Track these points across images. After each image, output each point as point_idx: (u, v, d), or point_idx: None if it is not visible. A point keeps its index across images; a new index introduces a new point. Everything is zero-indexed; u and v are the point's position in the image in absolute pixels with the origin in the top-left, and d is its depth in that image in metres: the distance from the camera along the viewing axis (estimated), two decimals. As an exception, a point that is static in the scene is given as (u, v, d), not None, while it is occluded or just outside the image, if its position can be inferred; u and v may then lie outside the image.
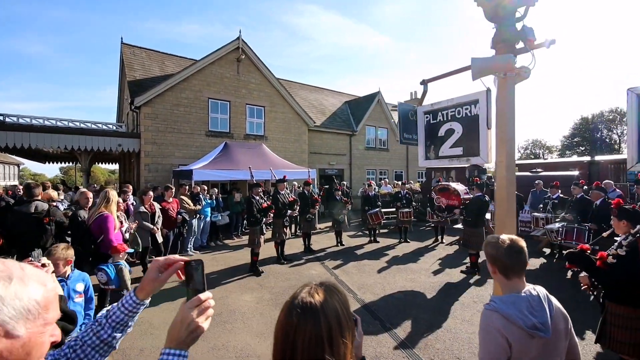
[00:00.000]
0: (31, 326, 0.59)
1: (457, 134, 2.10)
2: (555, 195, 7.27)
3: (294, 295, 0.88)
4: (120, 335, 0.93)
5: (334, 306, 0.85)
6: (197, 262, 0.92)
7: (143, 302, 0.95)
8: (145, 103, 11.19)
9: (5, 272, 0.59)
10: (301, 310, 0.82)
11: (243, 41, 13.11)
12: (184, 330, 0.81)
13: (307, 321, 0.80)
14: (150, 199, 6.11)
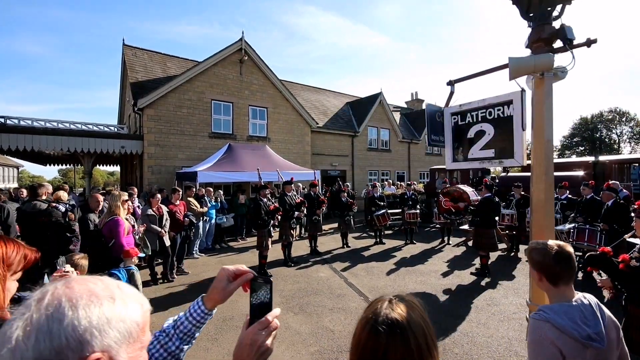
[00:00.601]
0: (131, 350, 0.53)
1: (488, 136, 2.05)
2: (563, 196, 7.23)
3: (375, 312, 0.81)
4: (187, 347, 0.88)
5: (418, 322, 0.79)
6: (266, 280, 0.87)
7: (211, 312, 0.91)
8: (148, 105, 11.12)
9: (106, 291, 0.54)
10: (388, 329, 0.76)
11: (246, 42, 13.06)
12: (253, 353, 0.75)
13: (396, 340, 0.74)
14: (157, 201, 6.04)
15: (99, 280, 0.56)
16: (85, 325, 0.48)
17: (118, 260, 4.16)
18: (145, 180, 11.14)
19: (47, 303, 0.49)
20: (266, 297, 0.84)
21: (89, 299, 0.51)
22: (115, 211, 4.18)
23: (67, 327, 0.47)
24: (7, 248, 1.05)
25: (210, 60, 12.44)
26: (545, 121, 1.78)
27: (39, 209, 4.26)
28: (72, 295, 0.50)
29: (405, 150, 20.57)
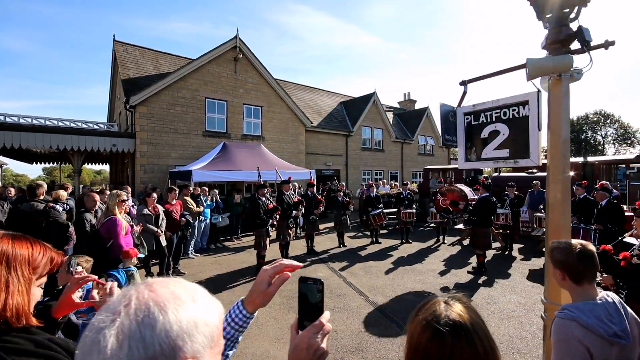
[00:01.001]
0: (212, 355, 0.51)
1: (502, 136, 2.07)
2: (556, 195, 7.38)
3: (434, 314, 0.79)
4: (231, 353, 0.85)
5: (480, 323, 0.77)
6: (317, 281, 0.84)
7: (252, 315, 0.88)
8: (141, 102, 10.92)
9: (188, 293, 0.51)
10: (452, 330, 0.74)
11: (240, 40, 12.93)
12: (310, 357, 0.73)
13: (461, 342, 0.73)
14: (153, 200, 5.93)
15: (177, 282, 0.54)
16: (177, 331, 0.45)
17: (117, 261, 4.06)
18: (137, 179, 10.94)
19: (136, 308, 0.45)
20: (317, 299, 0.82)
21: (175, 302, 0.48)
22: (112, 211, 4.08)
23: (160, 334, 0.44)
24: (34, 249, 0.99)
25: (204, 58, 12.28)
26: (563, 121, 1.80)
27: (36, 209, 4.13)
28: (158, 299, 0.47)
29: (398, 150, 20.71)
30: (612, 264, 2.67)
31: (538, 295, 5.19)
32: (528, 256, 7.53)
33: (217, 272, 6.68)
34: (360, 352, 3.56)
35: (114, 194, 4.29)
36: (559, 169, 1.81)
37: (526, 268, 6.60)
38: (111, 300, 0.49)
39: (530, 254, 7.70)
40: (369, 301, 5.04)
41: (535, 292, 5.28)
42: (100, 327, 0.44)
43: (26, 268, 0.94)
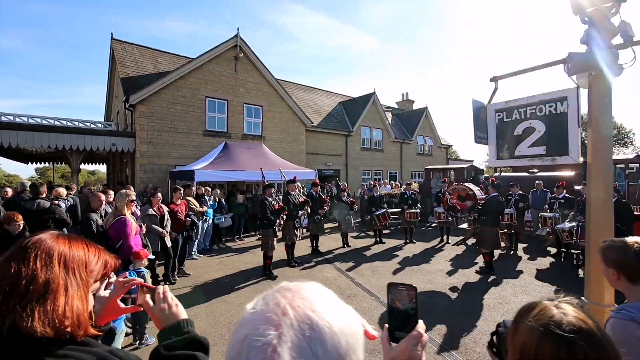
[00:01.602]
0: None
1: (538, 133, 2.03)
2: (561, 195, 7.41)
3: (551, 318, 0.72)
4: None
5: (601, 327, 0.71)
6: (409, 287, 0.77)
7: None
8: (141, 101, 10.77)
9: (334, 297, 0.45)
10: (581, 337, 0.67)
11: (241, 39, 12.83)
12: None
13: (594, 350, 0.66)
14: (158, 200, 5.82)
15: (313, 285, 0.47)
16: (344, 346, 0.40)
17: (126, 263, 3.97)
18: (137, 179, 10.78)
19: (297, 320, 0.39)
20: (410, 307, 0.75)
21: (332, 311, 0.42)
22: (121, 211, 3.98)
23: (332, 351, 0.38)
24: (89, 251, 0.92)
25: (204, 57, 12.16)
26: (605, 118, 1.76)
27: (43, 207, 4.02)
28: (314, 308, 0.41)
29: (397, 150, 20.73)
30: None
31: (549, 294, 5.16)
32: (533, 256, 7.54)
33: (222, 273, 6.58)
34: (379, 354, 3.50)
35: (123, 193, 4.19)
36: (602, 167, 1.77)
37: (533, 267, 6.60)
38: (253, 308, 0.43)
39: (535, 254, 7.72)
40: (381, 302, 4.99)
41: (546, 292, 5.28)
42: (269, 342, 0.37)
43: (83, 270, 0.87)
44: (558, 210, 7.26)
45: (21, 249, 0.83)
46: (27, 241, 0.84)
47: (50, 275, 0.81)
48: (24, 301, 0.75)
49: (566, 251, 7.39)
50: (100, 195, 4.66)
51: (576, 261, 7.01)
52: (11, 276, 0.77)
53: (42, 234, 0.88)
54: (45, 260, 0.82)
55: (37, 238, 0.86)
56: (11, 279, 0.77)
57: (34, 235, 0.87)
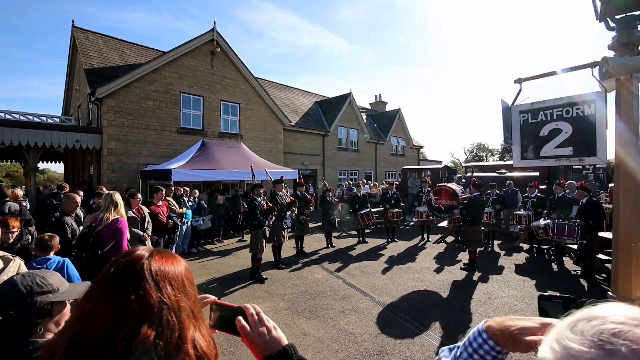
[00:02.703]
0: None
1: (565, 134, 2.08)
2: (533, 194, 7.87)
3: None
4: None
5: None
6: (566, 299, 0.71)
7: (504, 353, 0.66)
8: (109, 95, 10.02)
9: None
10: None
11: (218, 33, 12.37)
12: None
13: None
14: (138, 202, 5.40)
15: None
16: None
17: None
18: (104, 179, 10.01)
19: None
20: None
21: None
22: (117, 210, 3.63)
23: None
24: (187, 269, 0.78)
25: (179, 50, 11.56)
26: (633, 120, 1.84)
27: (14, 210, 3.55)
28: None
29: (372, 151, 21.07)
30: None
31: (531, 288, 5.47)
32: (509, 252, 7.95)
33: (207, 277, 6.27)
34: (386, 355, 3.48)
35: (109, 195, 3.82)
36: (631, 167, 1.85)
37: (512, 263, 6.95)
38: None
39: (510, 250, 8.14)
40: (376, 302, 4.99)
41: (528, 286, 5.56)
42: None
43: (190, 287, 0.73)
44: (531, 209, 7.70)
45: (129, 276, 0.66)
46: (129, 264, 0.68)
47: (182, 305, 0.66)
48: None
49: (538, 247, 7.87)
50: (76, 196, 4.22)
51: (548, 256, 7.49)
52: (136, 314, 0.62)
53: (137, 250, 0.72)
54: (168, 287, 0.67)
55: (137, 255, 0.70)
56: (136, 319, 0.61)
57: (129, 255, 0.71)
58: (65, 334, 0.63)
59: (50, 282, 1.16)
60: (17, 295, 1.07)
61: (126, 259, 0.69)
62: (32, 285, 1.11)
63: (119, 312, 0.61)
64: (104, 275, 0.67)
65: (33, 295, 1.09)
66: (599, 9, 2.00)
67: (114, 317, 0.60)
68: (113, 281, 0.65)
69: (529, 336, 0.58)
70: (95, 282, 0.67)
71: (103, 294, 0.64)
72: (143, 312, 0.61)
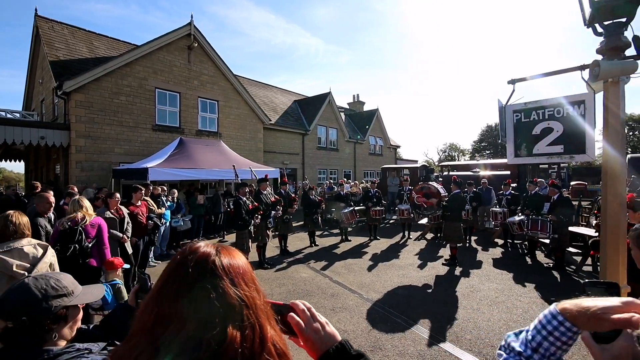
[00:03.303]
0: None
1: (556, 133, 2.20)
2: (507, 192, 8.27)
3: None
4: None
5: None
6: (610, 285, 0.75)
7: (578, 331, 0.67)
8: (77, 89, 9.45)
9: None
10: None
11: (195, 28, 11.99)
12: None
13: None
14: (117, 202, 5.13)
15: None
16: None
17: (95, 273, 3.43)
18: (72, 178, 9.43)
19: None
20: None
21: None
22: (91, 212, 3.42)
23: None
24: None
25: (154, 44, 11.09)
26: (620, 120, 1.98)
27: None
28: None
29: (351, 150, 21.27)
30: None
31: (509, 281, 5.74)
32: (486, 247, 8.31)
33: (189, 279, 6.06)
34: (380, 351, 3.52)
35: (76, 200, 3.62)
36: (617, 164, 1.98)
37: (489, 257, 7.27)
38: None
39: (486, 245, 8.51)
40: (364, 299, 5.04)
41: (506, 279, 5.83)
42: None
43: (257, 290, 0.70)
44: (505, 206, 8.09)
45: (204, 274, 0.62)
46: (200, 261, 0.64)
47: (257, 302, 0.63)
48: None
49: (512, 242, 8.29)
50: (49, 196, 3.93)
51: (521, 250, 7.90)
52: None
53: (201, 246, 0.68)
54: (242, 283, 0.63)
55: (205, 251, 0.66)
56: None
57: (195, 252, 0.67)
58: (139, 342, 0.58)
59: (65, 285, 1.08)
60: (31, 299, 0.98)
61: (194, 256, 0.65)
62: (47, 288, 1.02)
63: (202, 313, 0.58)
64: (174, 274, 0.63)
65: (48, 299, 1.01)
66: (587, 16, 2.13)
67: (197, 318, 0.57)
68: (188, 280, 0.61)
69: (614, 314, 0.60)
70: (165, 283, 0.63)
71: (180, 295, 0.60)
72: (225, 312, 0.58)
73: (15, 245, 2.30)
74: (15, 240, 2.33)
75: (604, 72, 1.89)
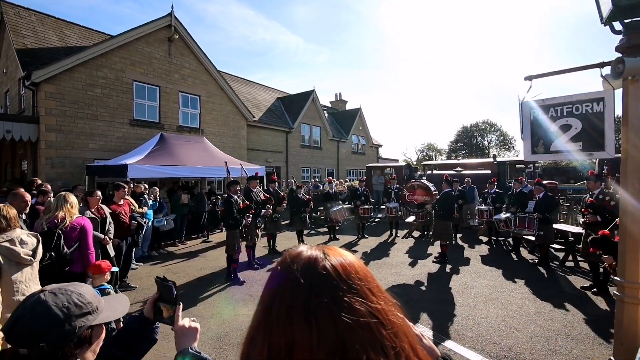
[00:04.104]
0: None
1: (575, 130, 2.20)
2: (492, 190, 8.48)
3: None
4: None
5: None
6: None
7: None
8: (47, 79, 8.78)
9: None
10: None
11: (176, 19, 11.48)
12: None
13: None
14: (98, 200, 4.77)
15: None
16: None
17: (78, 278, 3.13)
18: (42, 176, 8.74)
19: None
20: None
21: None
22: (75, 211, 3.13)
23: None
24: None
25: (131, 34, 10.51)
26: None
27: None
28: None
29: (334, 149, 21.25)
30: (613, 245, 3.11)
31: (499, 277, 5.86)
32: (472, 244, 8.48)
33: (177, 281, 5.75)
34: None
35: (62, 196, 3.30)
36: (636, 162, 2.00)
37: (477, 254, 7.41)
38: None
39: (472, 242, 8.70)
40: (361, 298, 4.96)
41: (496, 275, 5.95)
42: None
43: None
44: (491, 204, 8.29)
45: (318, 286, 0.49)
46: (309, 270, 0.50)
47: (391, 317, 0.50)
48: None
49: (496, 239, 8.51)
50: (25, 195, 3.58)
51: (505, 247, 8.13)
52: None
53: (303, 251, 0.55)
54: (369, 293, 0.50)
55: (310, 256, 0.53)
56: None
57: (298, 259, 0.53)
58: None
59: (89, 300, 0.90)
60: (52, 320, 0.80)
61: (299, 264, 0.51)
62: (69, 305, 0.84)
63: (328, 338, 0.44)
64: (280, 292, 0.49)
65: (71, 319, 0.83)
66: (605, 14, 2.14)
67: (327, 345, 0.44)
68: (300, 297, 0.48)
69: None
70: (271, 304, 0.49)
71: (294, 317, 0.46)
72: (360, 334, 0.45)
73: (12, 235, 2.45)
74: (10, 231, 2.46)
75: (629, 69, 1.89)
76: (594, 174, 4.33)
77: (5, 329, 0.80)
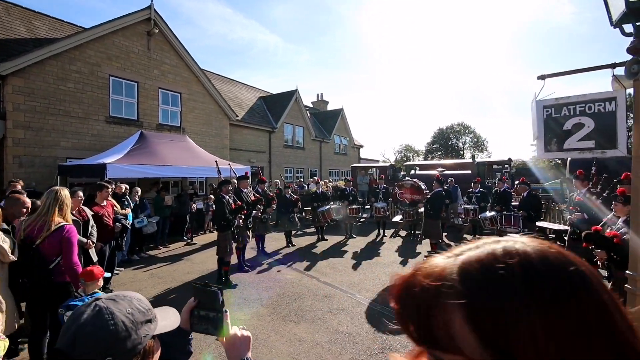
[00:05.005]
0: None
1: (587, 128, 2.25)
2: (477, 189, 8.73)
3: None
4: None
5: None
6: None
7: None
8: (15, 72, 8.15)
9: None
10: None
11: (156, 12, 11.02)
12: None
13: None
14: (80, 202, 4.45)
15: None
16: None
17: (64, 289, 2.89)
18: (8, 175, 8.12)
19: None
20: None
21: None
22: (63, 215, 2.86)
23: None
24: None
25: (108, 26, 9.96)
26: (652, 117, 2.06)
27: None
28: None
29: (317, 149, 21.19)
30: (606, 241, 3.24)
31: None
32: (457, 242, 8.68)
33: (162, 287, 5.49)
34: (391, 352, 3.41)
35: (53, 192, 3.01)
36: (649, 158, 2.06)
37: (464, 252, 7.58)
38: None
39: (457, 240, 8.91)
40: (358, 298, 4.93)
41: (486, 272, 6.10)
42: None
43: None
44: (476, 202, 8.53)
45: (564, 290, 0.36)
46: (557, 272, 0.40)
47: None
48: None
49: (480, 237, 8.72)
50: (24, 198, 3.21)
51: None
52: None
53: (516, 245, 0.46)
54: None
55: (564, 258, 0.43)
56: None
57: (511, 250, 0.44)
58: None
59: (148, 306, 0.78)
60: (118, 329, 0.68)
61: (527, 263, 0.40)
62: (133, 311, 0.73)
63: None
64: (526, 301, 0.38)
65: (137, 327, 0.71)
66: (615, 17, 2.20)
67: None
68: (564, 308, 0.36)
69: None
70: (518, 317, 0.38)
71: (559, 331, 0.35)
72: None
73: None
74: None
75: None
76: (582, 173, 4.54)
77: (63, 346, 0.67)
